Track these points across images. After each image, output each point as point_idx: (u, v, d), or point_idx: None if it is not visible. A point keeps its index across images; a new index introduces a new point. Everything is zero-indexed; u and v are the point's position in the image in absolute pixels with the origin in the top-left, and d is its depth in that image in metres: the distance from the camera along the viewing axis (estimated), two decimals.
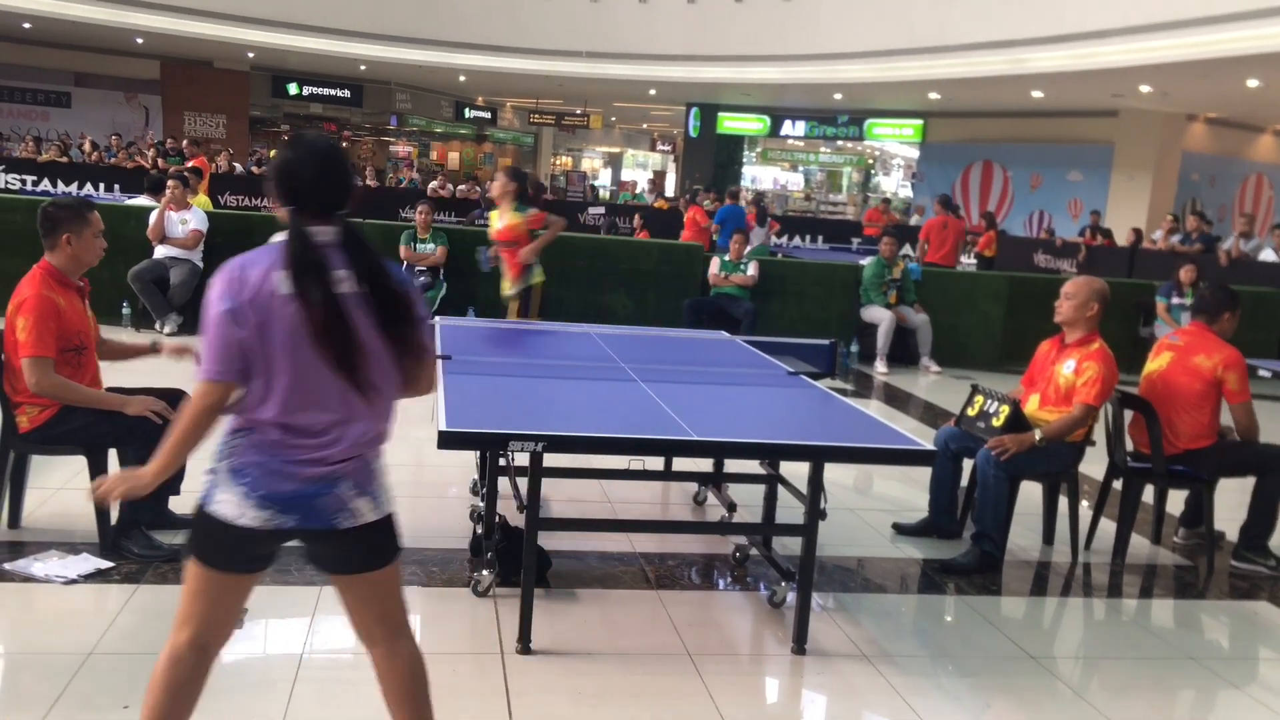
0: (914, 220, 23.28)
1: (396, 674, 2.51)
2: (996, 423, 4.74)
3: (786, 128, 27.00)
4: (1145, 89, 17.32)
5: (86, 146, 19.54)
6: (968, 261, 18.67)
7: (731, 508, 4.96)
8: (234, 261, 2.36)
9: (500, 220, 6.74)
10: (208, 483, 2.39)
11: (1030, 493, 5.03)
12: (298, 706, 3.15)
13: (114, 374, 4.37)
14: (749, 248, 10.81)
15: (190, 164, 14.63)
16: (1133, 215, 19.44)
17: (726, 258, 10.10)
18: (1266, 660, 4.18)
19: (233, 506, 2.33)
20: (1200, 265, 10.63)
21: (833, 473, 4.02)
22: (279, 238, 2.37)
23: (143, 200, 10.15)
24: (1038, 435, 4.65)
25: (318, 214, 2.35)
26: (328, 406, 2.34)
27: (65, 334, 3.97)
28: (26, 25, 20.56)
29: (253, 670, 3.36)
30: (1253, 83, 15.58)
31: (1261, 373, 6.73)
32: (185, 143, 18.73)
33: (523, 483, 3.74)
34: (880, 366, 9.82)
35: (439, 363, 2.45)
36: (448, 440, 3.26)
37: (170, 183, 9.27)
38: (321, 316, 2.26)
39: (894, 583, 4.62)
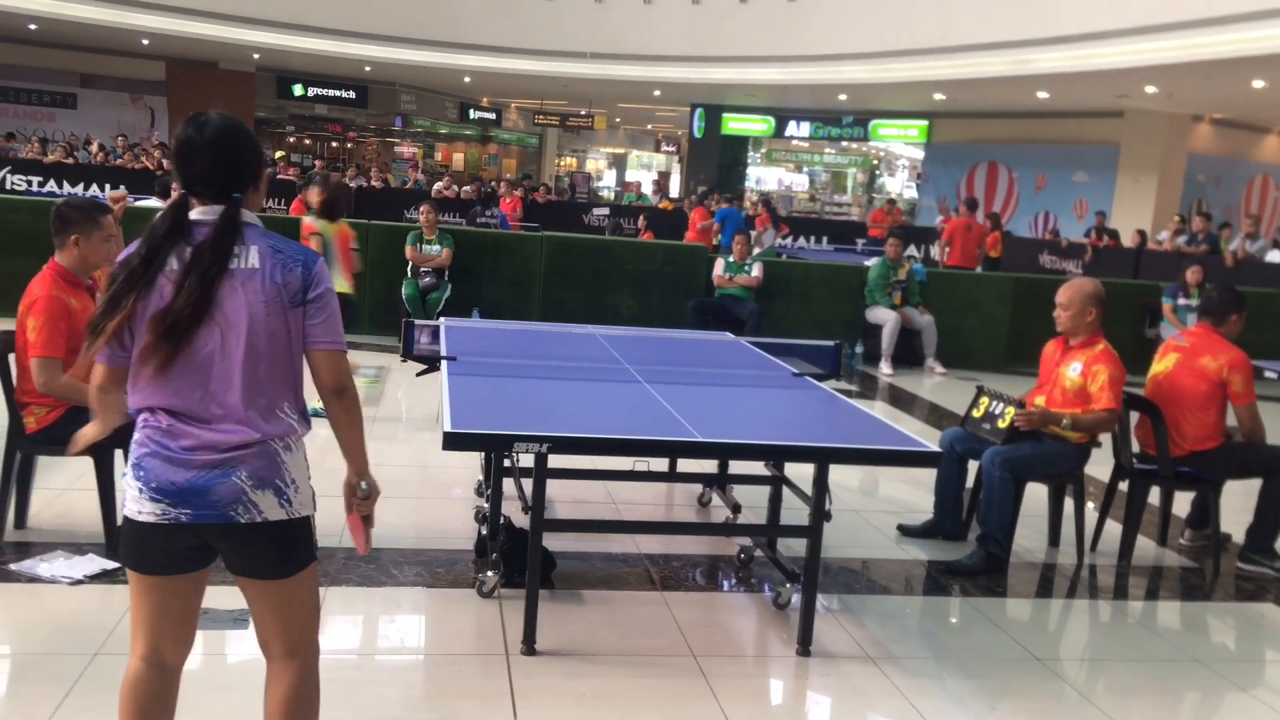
0: (919, 221, 23.31)
1: (275, 697, 2.39)
2: (1002, 424, 4.74)
3: (791, 128, 27.00)
4: (1150, 90, 17.29)
5: (94, 148, 19.57)
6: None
7: (736, 509, 4.96)
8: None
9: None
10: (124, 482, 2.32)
11: (1035, 494, 5.03)
12: None
13: None
14: (759, 249, 10.82)
15: None
16: (1138, 216, 19.40)
17: (731, 259, 10.10)
18: (1273, 662, 4.17)
19: (133, 502, 2.24)
20: (1206, 266, 10.62)
21: (837, 474, 4.02)
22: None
23: (153, 201, 10.17)
24: (1066, 420, 4.64)
25: (206, 197, 2.27)
26: (197, 389, 2.21)
27: (75, 334, 3.98)
28: (32, 26, 20.60)
29: (251, 671, 3.36)
30: (1258, 83, 15.55)
31: (1268, 374, 6.72)
32: None
33: (527, 484, 3.75)
34: (885, 368, 9.81)
35: (343, 356, 2.37)
36: (453, 441, 3.27)
37: (175, 185, 9.27)
38: (148, 294, 2.19)
39: (899, 584, 4.61)
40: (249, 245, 2.25)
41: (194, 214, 2.27)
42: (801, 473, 4.10)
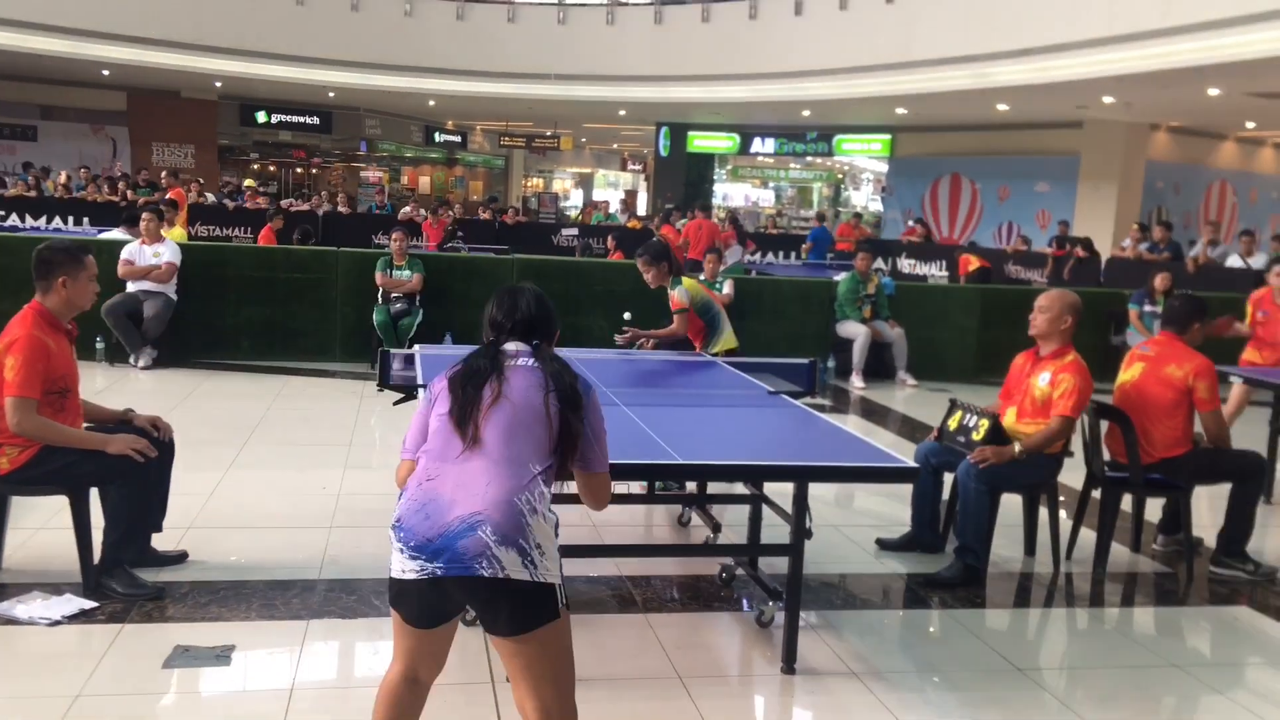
0: (885, 234, 23.51)
1: None
2: (976, 436, 4.79)
3: (756, 145, 27.17)
4: (1108, 100, 17.56)
5: (62, 179, 19.38)
6: (939, 274, 18.85)
7: (716, 528, 4.98)
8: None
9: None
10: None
11: (1011, 504, 5.08)
12: None
13: (101, 399, 4.36)
14: (723, 266, 10.86)
15: (168, 195, 14.55)
16: (1100, 224, 19.66)
17: (702, 277, 10.13)
18: (1249, 665, 4.24)
19: (396, 563, 2.50)
20: (1173, 273, 10.77)
21: (815, 489, 4.05)
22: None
23: (117, 234, 10.10)
24: (1017, 448, 4.71)
25: (511, 340, 2.74)
26: (462, 458, 2.53)
27: (51, 376, 3.95)
28: None
29: (242, 704, 3.35)
30: (1213, 91, 15.82)
31: (1232, 379, 6.82)
32: (164, 174, 18.61)
33: None
34: (857, 381, 9.88)
35: (598, 475, 2.82)
36: None
37: (145, 215, 9.23)
38: (465, 370, 2.61)
39: (879, 598, 4.65)
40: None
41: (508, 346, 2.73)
42: (781, 490, 4.13)
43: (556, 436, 2.60)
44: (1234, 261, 13.24)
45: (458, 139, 31.76)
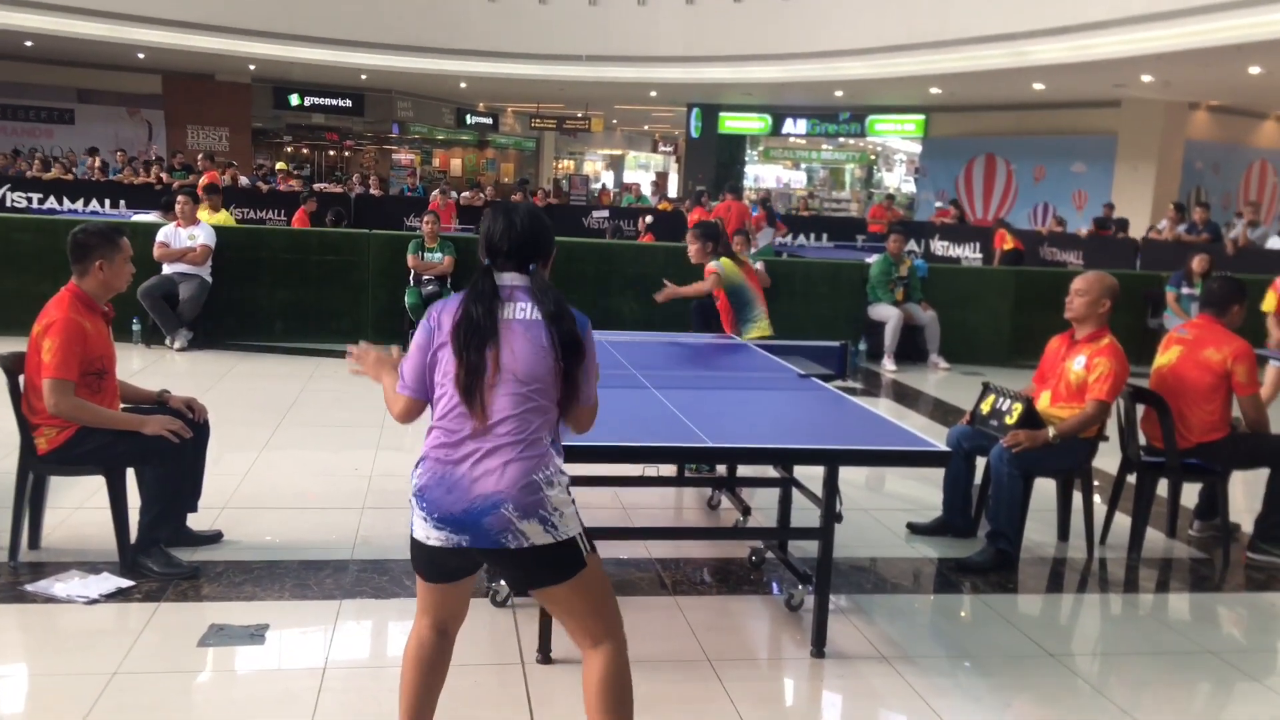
0: (918, 215, 23.31)
1: (587, 679, 2.68)
2: (1010, 420, 4.75)
3: (788, 126, 26.99)
4: (1147, 79, 17.29)
5: (95, 164, 19.59)
6: (972, 256, 18.68)
7: (746, 511, 4.98)
8: (445, 299, 2.71)
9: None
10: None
11: (1044, 489, 5.04)
12: (322, 718, 3.17)
13: (137, 380, 4.41)
14: (755, 248, 10.82)
15: (204, 179, 14.65)
16: (1138, 205, 19.41)
17: None
18: None
19: (420, 528, 2.61)
20: (1211, 255, 10.61)
21: (845, 472, 4.03)
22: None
23: (153, 216, 10.18)
24: (1051, 433, 4.66)
25: (507, 267, 2.67)
26: (481, 431, 2.55)
27: (88, 358, 4.00)
28: (28, 43, 20.65)
29: (276, 682, 3.38)
30: (1254, 70, 15.55)
31: (1272, 363, 6.72)
32: (200, 157, 18.76)
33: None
34: (889, 364, 9.82)
35: (588, 406, 2.76)
36: None
37: (180, 198, 9.31)
38: (465, 330, 2.55)
39: (910, 582, 4.63)
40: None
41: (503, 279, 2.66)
42: (811, 473, 4.11)
43: (561, 395, 2.64)
44: (1274, 243, 13.04)
45: (489, 121, 31.81)
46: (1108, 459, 5.32)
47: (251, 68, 23.31)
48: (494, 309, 2.58)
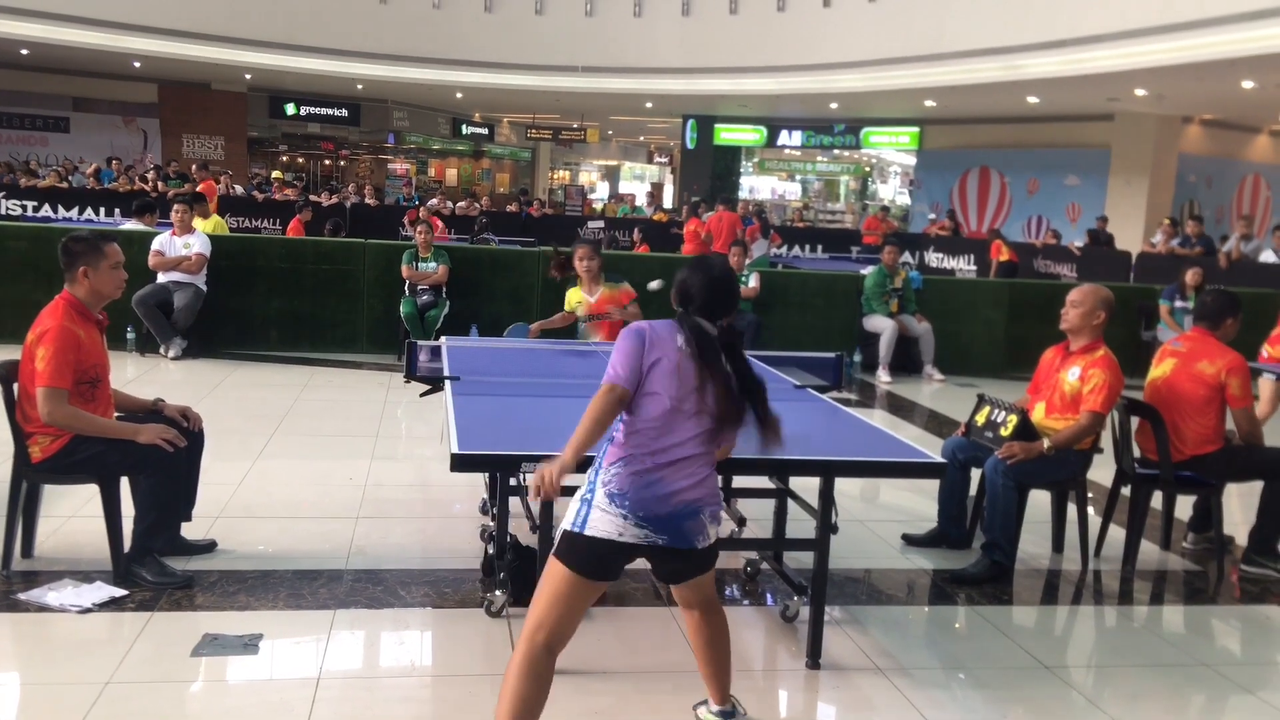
0: (913, 227, 23.36)
1: (704, 635, 3.12)
2: (1005, 432, 4.76)
3: (783, 138, 27.06)
4: (1140, 92, 17.37)
5: (90, 170, 19.57)
6: (966, 268, 18.73)
7: (741, 522, 4.97)
8: (645, 322, 2.98)
9: (591, 295, 6.41)
10: (580, 508, 2.86)
11: (1039, 501, 5.04)
12: None
13: (131, 389, 4.40)
14: (749, 260, 10.83)
15: (198, 188, 14.66)
16: (1131, 218, 19.49)
17: None
18: (1279, 664, 4.19)
19: (613, 526, 2.80)
20: (1205, 268, 10.65)
21: (840, 483, 4.03)
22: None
23: (133, 225, 10.14)
24: (1046, 444, 4.67)
25: (700, 314, 2.94)
26: (683, 444, 2.86)
27: (82, 366, 3.99)
28: (24, 51, 20.64)
29: (270, 693, 3.37)
30: (1247, 84, 15.63)
31: (1265, 376, 6.74)
32: (194, 167, 18.76)
33: (534, 502, 3.76)
34: (883, 375, 9.83)
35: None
36: (461, 463, 3.28)
37: (176, 207, 9.31)
38: (709, 369, 2.86)
39: (905, 594, 4.63)
40: None
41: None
42: (806, 484, 4.11)
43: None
44: (1268, 257, 13.08)
45: (485, 131, 31.85)
46: (1102, 471, 5.33)
47: (247, 77, 23.32)
48: (705, 347, 2.89)
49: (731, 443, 3.10)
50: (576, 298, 6.43)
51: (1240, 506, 5.80)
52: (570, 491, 2.99)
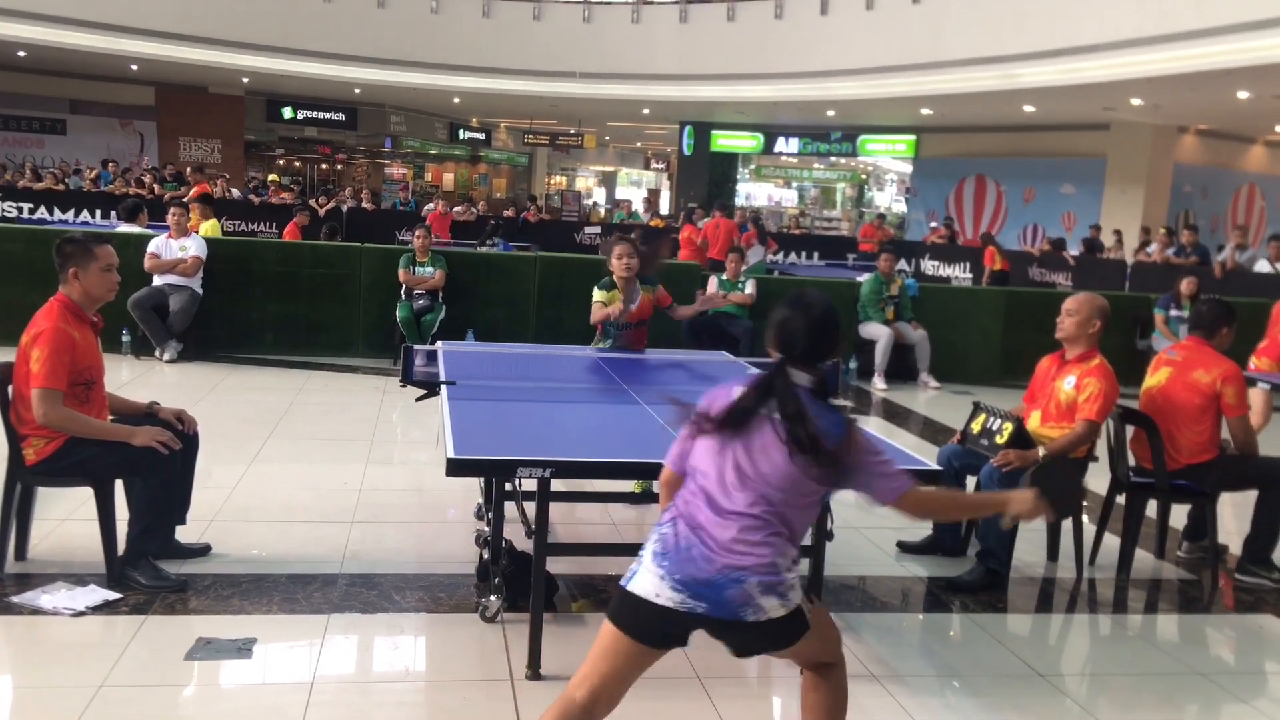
0: (909, 235, 23.39)
1: (814, 698, 2.81)
2: (1000, 440, 4.76)
3: (780, 145, 27.12)
4: (1136, 102, 17.43)
5: (87, 173, 19.56)
6: (962, 276, 18.76)
7: None
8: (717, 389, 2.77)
9: (632, 300, 5.73)
10: (635, 563, 2.65)
11: None
12: None
13: (126, 391, 4.40)
14: (745, 266, 10.85)
15: (193, 190, 14.65)
16: (1126, 227, 19.50)
17: (724, 276, 10.14)
18: (1273, 674, 4.20)
19: (651, 585, 2.57)
20: (1200, 278, 10.68)
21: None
22: (754, 372, 2.80)
23: (128, 227, 10.11)
24: (1041, 452, 4.67)
25: (800, 361, 2.66)
26: (735, 511, 2.58)
27: (77, 368, 3.99)
28: (21, 54, 20.64)
29: (263, 697, 3.36)
30: (1243, 94, 15.68)
31: (1260, 385, 6.75)
32: (189, 170, 18.75)
33: (528, 506, 3.76)
34: (879, 383, 9.84)
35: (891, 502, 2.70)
36: (457, 468, 3.28)
37: (173, 210, 9.30)
38: (734, 415, 2.60)
39: (900, 601, 4.63)
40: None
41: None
42: None
43: (811, 487, 2.61)
44: (1262, 266, 13.10)
45: (482, 136, 31.88)
46: (1097, 480, 5.33)
47: (245, 80, 23.32)
48: (768, 400, 2.61)
49: (901, 506, 2.70)
50: (616, 300, 5.71)
51: (1235, 516, 5.81)
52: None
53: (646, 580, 2.59)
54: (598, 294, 5.66)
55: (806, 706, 2.81)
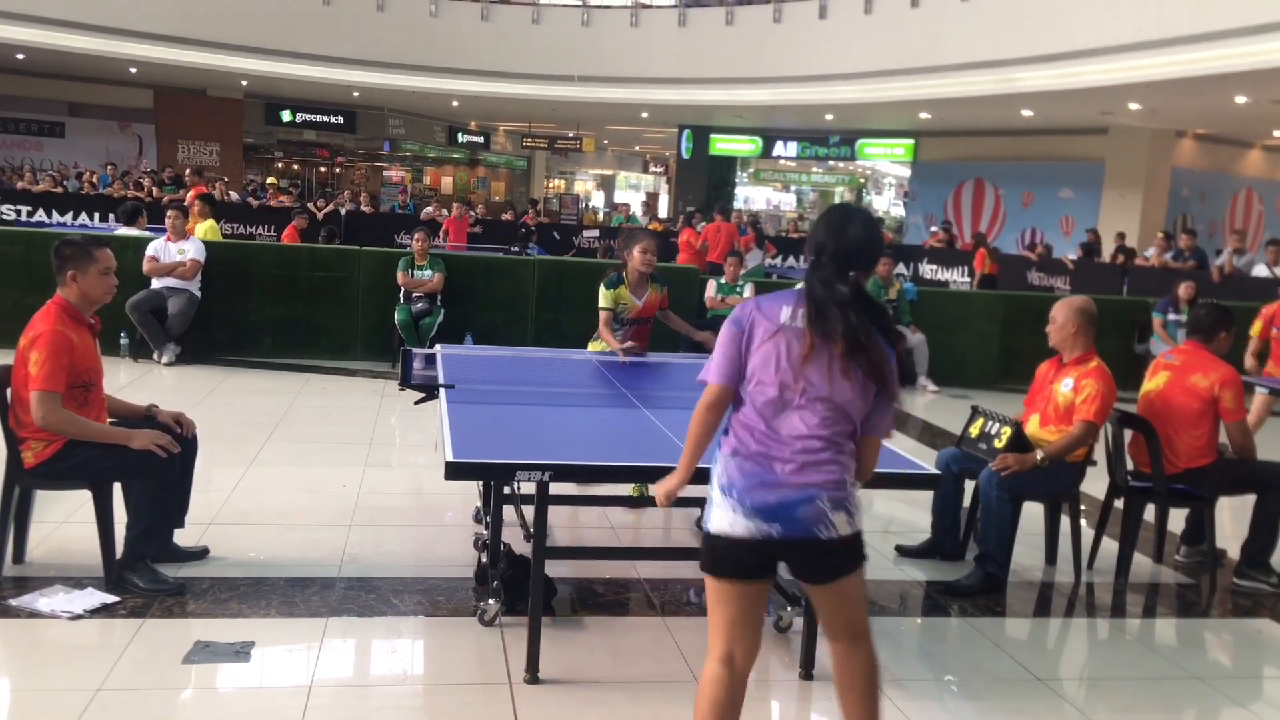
0: (907, 239, 23.40)
1: (850, 673, 2.79)
2: (998, 444, 4.76)
3: (778, 148, 27.16)
4: (1134, 106, 17.45)
5: (93, 178, 19.55)
6: (960, 280, 18.77)
7: None
8: (752, 299, 2.78)
9: (639, 297, 5.70)
10: (705, 506, 2.71)
11: (1032, 513, 5.04)
12: None
13: (124, 394, 4.40)
14: (745, 270, 10.85)
15: (191, 193, 14.64)
16: (1124, 231, 19.53)
17: (723, 280, 10.14)
18: (1271, 678, 4.19)
19: (725, 519, 2.63)
20: (1198, 282, 10.69)
21: None
22: (799, 286, 2.72)
23: (126, 230, 10.11)
24: (1039, 455, 4.67)
25: (836, 271, 2.66)
26: (797, 434, 2.61)
27: (76, 370, 3.99)
28: (20, 56, 20.64)
29: (261, 701, 3.36)
30: (1241, 99, 15.71)
31: (1258, 390, 6.76)
32: (188, 172, 18.75)
33: (528, 510, 3.76)
34: None
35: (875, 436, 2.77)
36: (455, 471, 3.27)
37: (170, 213, 9.30)
38: (843, 340, 2.59)
39: (898, 605, 4.62)
40: None
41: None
42: None
43: (870, 396, 2.66)
44: (1260, 271, 13.11)
45: (480, 140, 31.88)
46: (1096, 484, 5.33)
47: (243, 83, 23.32)
48: (827, 311, 2.62)
49: (884, 427, 2.74)
50: (623, 298, 5.65)
51: (1233, 520, 5.81)
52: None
53: (720, 516, 2.64)
54: (605, 293, 5.63)
55: (845, 679, 2.80)
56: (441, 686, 3.57)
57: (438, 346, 5.65)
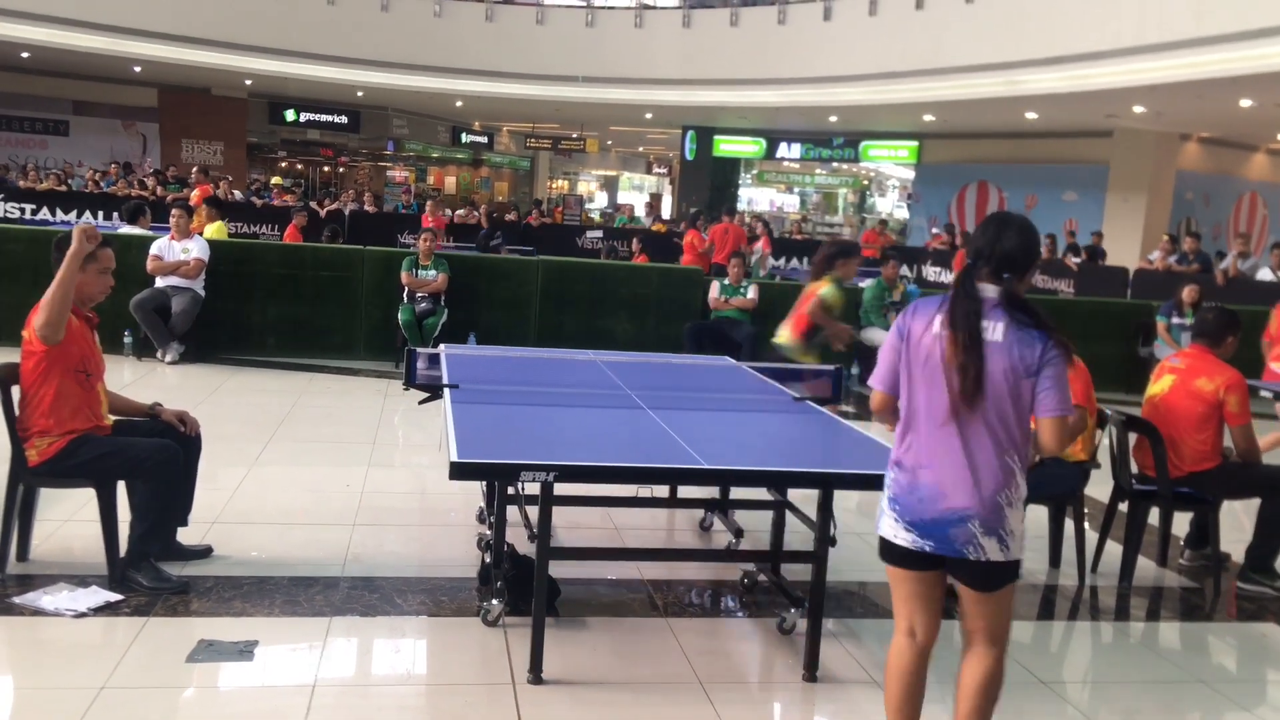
0: (910, 241, 23.40)
1: (971, 674, 2.94)
2: None
3: (782, 150, 27.12)
4: (1139, 109, 17.42)
5: (89, 175, 19.56)
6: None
7: (738, 533, 4.97)
8: (909, 305, 2.90)
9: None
10: (879, 507, 2.93)
11: (1036, 516, 5.03)
12: None
13: (128, 393, 4.40)
14: (762, 272, 10.83)
15: (196, 192, 14.65)
16: (1129, 235, 19.52)
17: (726, 281, 10.14)
18: (1275, 682, 4.19)
19: (890, 528, 2.88)
20: (1202, 285, 10.67)
21: (838, 496, 4.03)
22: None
23: (127, 229, 10.11)
24: (1038, 456, 4.65)
25: (989, 274, 2.75)
26: (950, 447, 2.74)
27: (70, 355, 3.99)
28: (25, 54, 20.64)
29: (265, 700, 3.36)
30: (1245, 102, 15.68)
31: (1263, 393, 6.75)
32: (194, 171, 18.77)
33: (532, 511, 3.76)
34: None
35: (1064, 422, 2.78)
36: (460, 471, 3.27)
37: (175, 212, 9.31)
38: (960, 352, 2.67)
39: None
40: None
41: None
42: (803, 496, 4.11)
43: (1023, 396, 2.72)
44: (1265, 274, 13.10)
45: (484, 140, 31.88)
46: (1100, 487, 5.33)
47: (248, 83, 23.32)
48: (977, 329, 2.69)
49: (1050, 407, 2.70)
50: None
51: (1237, 524, 5.80)
52: None
53: (886, 524, 2.88)
54: (831, 294, 6.65)
55: (971, 688, 2.92)
56: (445, 686, 3.57)
57: (441, 346, 5.65)
